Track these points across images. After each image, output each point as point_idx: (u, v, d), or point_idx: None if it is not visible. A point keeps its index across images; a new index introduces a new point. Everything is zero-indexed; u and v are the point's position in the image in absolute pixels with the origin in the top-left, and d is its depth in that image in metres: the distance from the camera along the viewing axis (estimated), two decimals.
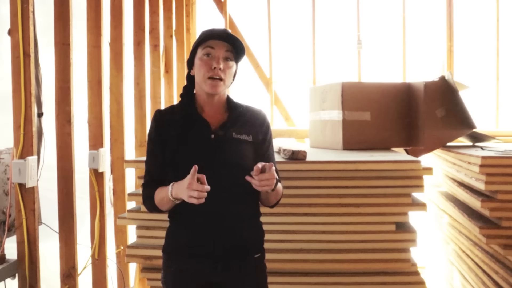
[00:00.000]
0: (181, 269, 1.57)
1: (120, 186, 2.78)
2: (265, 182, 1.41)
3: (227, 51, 1.53)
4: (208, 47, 1.52)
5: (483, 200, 2.17)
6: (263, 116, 1.65)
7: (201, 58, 1.53)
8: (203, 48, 1.53)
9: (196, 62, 1.55)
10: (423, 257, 3.09)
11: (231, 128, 1.56)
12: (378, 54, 3.94)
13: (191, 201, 1.39)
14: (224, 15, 3.94)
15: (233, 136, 1.55)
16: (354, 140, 2.64)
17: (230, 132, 1.55)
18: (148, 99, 3.18)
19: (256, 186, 1.42)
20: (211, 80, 1.51)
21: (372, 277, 2.11)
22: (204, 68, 1.52)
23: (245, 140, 1.57)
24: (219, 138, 1.54)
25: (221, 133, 1.54)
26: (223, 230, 1.53)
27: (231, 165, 1.52)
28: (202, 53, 1.53)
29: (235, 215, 1.53)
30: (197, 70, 1.54)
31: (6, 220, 1.93)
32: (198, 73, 1.54)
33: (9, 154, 1.98)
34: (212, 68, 1.51)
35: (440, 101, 2.67)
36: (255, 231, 1.64)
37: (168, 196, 1.48)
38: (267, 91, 3.99)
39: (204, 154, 1.51)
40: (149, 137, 1.61)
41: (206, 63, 1.52)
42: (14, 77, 1.87)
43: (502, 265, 2.18)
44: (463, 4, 3.87)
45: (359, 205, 2.11)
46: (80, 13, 2.47)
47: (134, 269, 2.97)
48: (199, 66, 1.53)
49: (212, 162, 1.50)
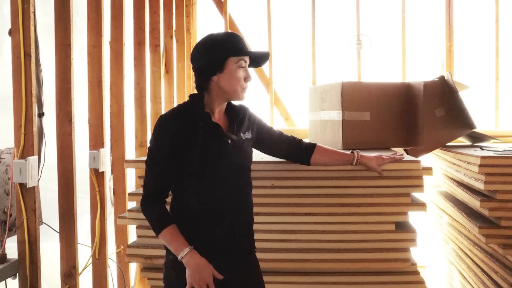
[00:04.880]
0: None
1: (120, 186, 2.79)
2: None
3: (248, 63, 1.61)
4: (243, 61, 1.57)
5: (482, 200, 2.18)
6: (249, 109, 1.74)
7: (237, 70, 1.56)
8: (238, 60, 1.56)
9: (228, 71, 1.55)
10: (423, 256, 3.10)
11: (237, 129, 1.62)
12: (377, 54, 3.94)
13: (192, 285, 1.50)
14: (224, 15, 3.95)
15: (242, 138, 1.63)
16: (353, 140, 2.65)
17: (239, 134, 1.62)
18: (149, 99, 3.18)
19: None
20: (243, 90, 1.59)
21: (372, 277, 2.11)
22: (239, 80, 1.57)
23: (249, 138, 1.66)
24: (233, 141, 1.60)
25: (234, 136, 1.60)
26: (233, 228, 1.59)
27: (243, 167, 1.62)
28: (236, 65, 1.55)
29: (244, 213, 1.61)
30: (229, 79, 1.55)
31: (7, 220, 1.94)
32: (230, 83, 1.56)
33: (10, 154, 1.98)
34: (246, 81, 1.58)
35: (440, 101, 2.68)
36: (252, 230, 1.72)
37: (177, 254, 1.53)
38: (267, 91, 3.99)
39: (224, 158, 1.56)
40: (159, 144, 1.54)
41: (242, 75, 1.57)
42: (15, 77, 1.88)
43: (502, 264, 2.18)
44: (463, 4, 3.87)
45: (359, 205, 2.11)
46: (80, 13, 2.48)
47: (135, 269, 2.97)
48: (233, 77, 1.55)
49: (228, 165, 1.57)
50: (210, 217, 1.57)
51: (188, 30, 3.88)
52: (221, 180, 1.56)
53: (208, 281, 1.50)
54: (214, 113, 1.60)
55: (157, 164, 1.55)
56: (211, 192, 1.55)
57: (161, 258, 1.75)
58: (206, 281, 1.50)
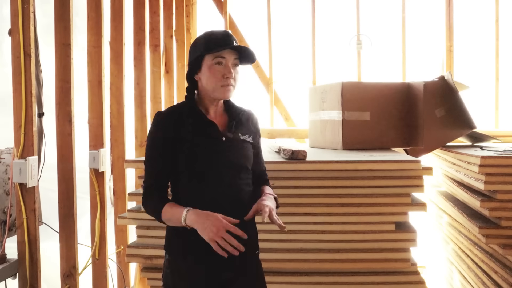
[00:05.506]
0: (187, 268, 1.56)
1: (120, 186, 2.79)
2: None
3: (236, 59, 1.55)
4: (220, 57, 1.52)
5: (482, 200, 2.18)
6: (256, 116, 1.70)
7: (213, 67, 1.52)
8: (214, 57, 1.52)
9: (205, 70, 1.54)
10: (423, 256, 3.10)
11: (236, 129, 1.60)
12: (377, 54, 3.94)
13: (212, 244, 1.38)
14: (224, 15, 3.95)
15: (240, 138, 1.60)
16: (353, 140, 2.65)
17: (237, 134, 1.59)
18: (149, 99, 3.18)
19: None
20: (224, 87, 1.53)
21: (372, 277, 2.11)
22: (216, 78, 1.52)
23: (248, 140, 1.62)
24: (228, 140, 1.56)
25: (230, 135, 1.57)
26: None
27: (239, 166, 1.56)
28: (212, 62, 1.52)
29: (240, 214, 1.53)
30: (208, 78, 1.53)
31: (7, 220, 1.94)
32: (209, 81, 1.53)
33: (9, 154, 1.98)
34: (225, 77, 1.52)
35: (440, 101, 2.68)
36: (255, 228, 1.67)
37: (180, 221, 1.46)
38: (267, 91, 3.99)
39: (217, 156, 1.52)
40: (153, 140, 1.55)
41: (219, 72, 1.52)
42: (15, 77, 1.87)
43: (502, 264, 2.18)
44: (463, 4, 3.87)
45: (359, 205, 2.11)
46: (80, 13, 2.48)
47: (135, 269, 2.97)
48: (210, 75, 1.53)
49: (223, 163, 1.53)
50: None
51: (188, 30, 3.87)
52: (214, 178, 1.52)
53: (224, 225, 1.39)
54: (209, 111, 1.59)
55: (152, 159, 1.56)
56: (202, 190, 1.52)
57: (161, 258, 1.74)
58: (223, 225, 1.38)
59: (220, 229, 1.39)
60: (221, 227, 1.39)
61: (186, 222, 1.45)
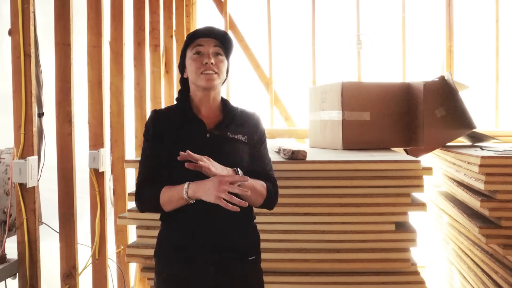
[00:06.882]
0: (174, 273, 1.54)
1: (120, 186, 2.79)
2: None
3: (215, 46, 1.55)
4: (197, 45, 1.54)
5: (482, 200, 2.18)
6: (257, 118, 1.66)
7: (192, 58, 1.54)
8: (192, 48, 1.55)
9: (187, 63, 1.57)
10: (423, 256, 3.10)
11: (226, 128, 1.56)
12: (377, 54, 3.94)
13: (219, 202, 1.36)
14: (224, 15, 3.95)
15: (229, 136, 1.55)
16: (354, 140, 2.65)
17: (225, 132, 1.55)
18: (149, 99, 3.18)
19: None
20: (205, 74, 1.52)
21: (372, 277, 2.11)
22: (196, 65, 1.52)
23: (240, 140, 1.57)
24: (214, 137, 1.53)
25: (216, 132, 1.54)
26: (217, 232, 1.52)
27: (226, 165, 1.48)
28: (191, 53, 1.55)
29: (229, 217, 1.45)
30: (189, 69, 1.55)
31: (7, 220, 1.94)
32: (191, 72, 1.54)
33: (9, 154, 1.98)
34: (204, 63, 1.52)
35: (440, 101, 2.68)
36: (249, 233, 1.62)
37: (182, 194, 1.43)
38: (267, 91, 3.99)
39: (199, 153, 1.44)
40: (146, 136, 1.58)
41: (197, 60, 1.53)
42: (15, 77, 1.87)
43: (502, 264, 2.18)
44: (463, 4, 3.87)
45: (359, 205, 2.11)
46: (80, 13, 2.48)
47: (134, 269, 2.97)
48: (190, 65, 1.54)
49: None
50: (179, 217, 1.52)
51: (188, 30, 3.87)
52: (196, 176, 1.43)
53: (222, 179, 1.37)
54: (201, 110, 1.58)
55: (145, 157, 1.58)
56: None
57: None
58: (221, 180, 1.37)
59: (221, 183, 1.37)
60: (222, 182, 1.37)
61: (188, 194, 1.43)
